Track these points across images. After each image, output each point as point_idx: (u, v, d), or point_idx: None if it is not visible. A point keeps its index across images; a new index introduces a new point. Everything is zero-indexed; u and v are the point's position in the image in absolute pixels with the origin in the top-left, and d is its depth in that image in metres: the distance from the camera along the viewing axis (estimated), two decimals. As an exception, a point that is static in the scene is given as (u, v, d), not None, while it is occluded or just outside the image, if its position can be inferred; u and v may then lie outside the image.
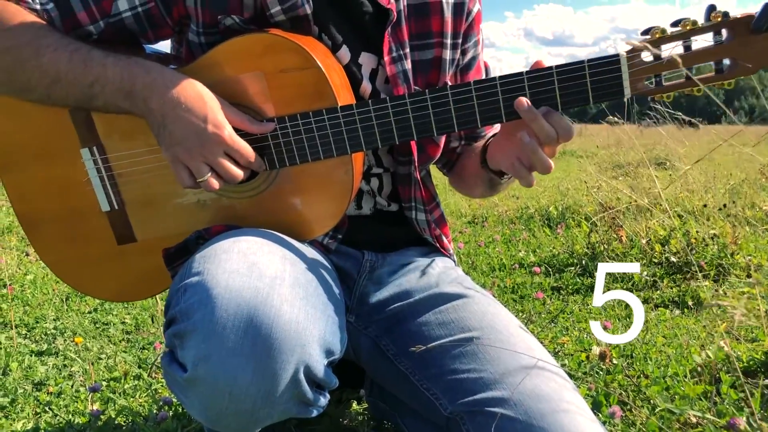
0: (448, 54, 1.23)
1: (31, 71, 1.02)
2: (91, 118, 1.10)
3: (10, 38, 1.02)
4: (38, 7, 1.07)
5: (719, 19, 0.95)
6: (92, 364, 1.99)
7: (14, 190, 1.17)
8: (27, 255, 3.48)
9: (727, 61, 0.97)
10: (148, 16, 1.10)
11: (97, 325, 2.43)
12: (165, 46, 1.24)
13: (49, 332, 2.35)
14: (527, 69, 1.01)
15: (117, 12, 1.09)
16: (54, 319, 2.48)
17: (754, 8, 0.96)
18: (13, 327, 2.33)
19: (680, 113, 1.76)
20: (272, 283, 0.88)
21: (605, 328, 2.11)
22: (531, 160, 1.02)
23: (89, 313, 2.57)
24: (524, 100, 0.99)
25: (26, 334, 2.34)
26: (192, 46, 1.14)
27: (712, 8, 0.97)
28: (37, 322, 2.44)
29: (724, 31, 0.96)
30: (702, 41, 0.98)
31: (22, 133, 1.13)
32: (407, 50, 1.18)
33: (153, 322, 2.44)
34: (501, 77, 1.01)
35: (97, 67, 1.01)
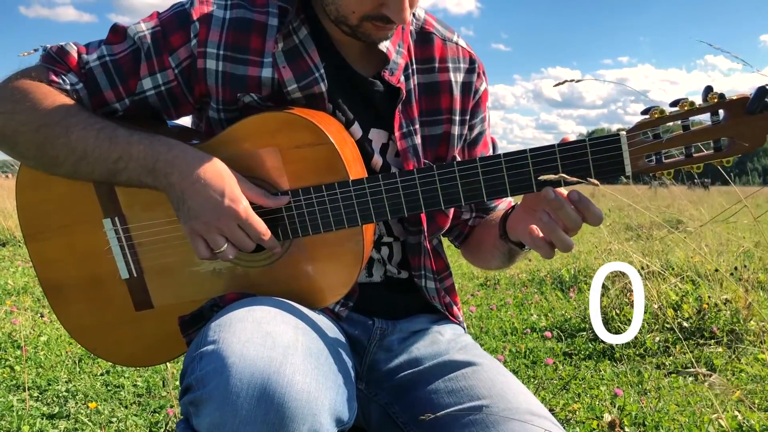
0: (456, 129, 1.28)
1: (60, 148, 1.07)
2: (114, 190, 1.16)
3: (42, 117, 1.07)
4: (68, 87, 1.13)
5: (716, 101, 0.99)
6: (103, 427, 2.00)
7: (38, 257, 1.21)
8: (42, 316, 3.51)
9: (725, 140, 1.00)
10: (171, 94, 1.17)
11: (108, 388, 2.44)
12: (185, 120, 1.30)
13: (61, 395, 2.36)
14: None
15: (141, 90, 1.16)
16: (66, 381, 2.49)
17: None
18: (26, 389, 2.34)
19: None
20: (285, 352, 0.90)
21: (616, 395, 2.09)
22: (551, 238, 1.05)
23: (101, 375, 2.58)
24: (550, 191, 1.02)
25: (38, 397, 2.35)
26: (212, 122, 1.19)
27: (708, 89, 1.01)
28: (50, 385, 2.45)
29: (721, 112, 1.00)
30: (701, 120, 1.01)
31: (48, 204, 1.18)
32: (417, 126, 1.23)
33: (165, 385, 2.45)
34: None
35: (122, 144, 1.06)
